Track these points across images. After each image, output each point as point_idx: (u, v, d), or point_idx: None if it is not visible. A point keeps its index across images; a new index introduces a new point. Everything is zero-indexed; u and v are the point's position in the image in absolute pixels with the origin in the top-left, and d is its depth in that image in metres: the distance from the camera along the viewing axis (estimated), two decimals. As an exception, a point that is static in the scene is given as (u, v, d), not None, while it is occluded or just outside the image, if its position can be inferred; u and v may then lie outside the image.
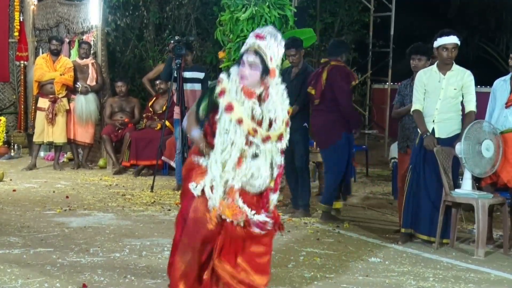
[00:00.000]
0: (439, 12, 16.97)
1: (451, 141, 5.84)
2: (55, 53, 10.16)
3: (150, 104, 10.29)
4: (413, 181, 5.95)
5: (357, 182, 9.48)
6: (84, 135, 10.24)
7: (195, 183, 3.92)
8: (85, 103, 10.16)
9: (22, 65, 12.47)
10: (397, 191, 6.84)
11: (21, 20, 12.41)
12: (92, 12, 10.61)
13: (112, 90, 10.75)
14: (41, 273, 4.78)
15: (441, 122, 5.88)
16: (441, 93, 5.85)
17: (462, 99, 5.90)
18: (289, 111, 4.00)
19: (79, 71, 10.21)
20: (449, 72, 5.88)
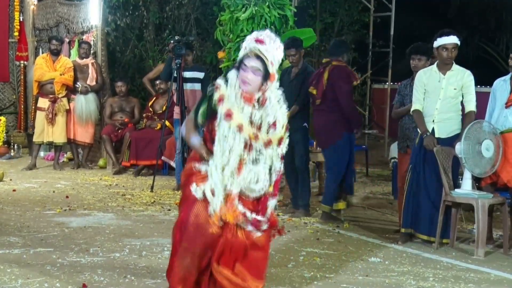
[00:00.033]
0: (439, 12, 16.96)
1: (451, 141, 5.84)
2: (55, 53, 10.16)
3: (150, 104, 10.28)
4: (413, 181, 5.95)
5: (357, 182, 9.46)
6: (84, 135, 10.23)
7: (195, 185, 3.90)
8: (85, 103, 10.15)
9: (22, 65, 12.46)
10: (397, 191, 6.83)
11: (21, 20, 12.40)
12: (92, 12, 10.60)
13: (112, 90, 10.75)
14: (41, 273, 4.78)
15: (441, 122, 5.88)
16: (441, 93, 5.85)
17: (462, 99, 5.90)
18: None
19: (79, 71, 10.21)
20: (449, 72, 5.88)
